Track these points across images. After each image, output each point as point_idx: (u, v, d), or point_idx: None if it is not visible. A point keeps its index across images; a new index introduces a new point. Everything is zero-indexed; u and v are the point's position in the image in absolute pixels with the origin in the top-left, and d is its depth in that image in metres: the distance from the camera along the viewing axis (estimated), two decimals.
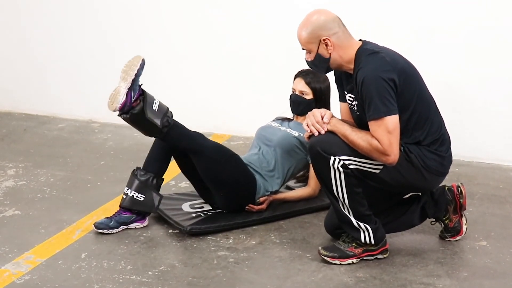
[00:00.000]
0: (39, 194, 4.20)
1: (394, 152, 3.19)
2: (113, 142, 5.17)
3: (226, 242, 3.60)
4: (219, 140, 5.14)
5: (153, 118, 3.49)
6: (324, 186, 3.36)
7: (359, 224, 3.35)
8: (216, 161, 3.69)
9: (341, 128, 3.29)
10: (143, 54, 5.36)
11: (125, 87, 3.34)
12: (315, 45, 3.32)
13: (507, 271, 3.33)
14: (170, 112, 3.63)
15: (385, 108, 3.18)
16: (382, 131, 3.18)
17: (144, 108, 3.46)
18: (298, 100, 4.05)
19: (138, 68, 3.35)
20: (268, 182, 3.92)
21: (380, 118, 3.18)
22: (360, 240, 3.37)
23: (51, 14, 5.63)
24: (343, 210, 3.34)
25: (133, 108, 3.45)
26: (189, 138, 3.68)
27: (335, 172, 3.27)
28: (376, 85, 3.18)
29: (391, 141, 3.18)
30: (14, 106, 5.87)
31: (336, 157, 3.25)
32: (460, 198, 3.61)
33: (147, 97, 3.51)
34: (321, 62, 3.35)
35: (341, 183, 3.28)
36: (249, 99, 5.22)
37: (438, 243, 3.58)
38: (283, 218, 3.86)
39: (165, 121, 3.55)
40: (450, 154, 3.42)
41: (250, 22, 5.14)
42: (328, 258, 3.38)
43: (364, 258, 3.41)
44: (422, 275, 3.28)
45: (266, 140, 4.05)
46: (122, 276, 3.26)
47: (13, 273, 3.28)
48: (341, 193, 3.30)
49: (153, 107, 3.51)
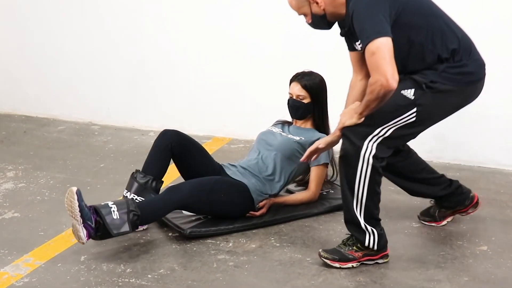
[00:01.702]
0: (39, 197, 4.19)
1: (382, 74, 3.04)
2: (113, 145, 5.17)
3: (226, 246, 3.59)
4: (219, 144, 5.14)
5: (120, 230, 3.41)
6: (345, 180, 3.31)
7: (367, 227, 3.34)
8: (202, 202, 3.67)
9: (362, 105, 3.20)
10: (142, 57, 5.43)
11: (79, 223, 3.33)
12: (307, 7, 3.36)
13: (508, 276, 3.32)
14: (131, 201, 3.50)
15: (371, 31, 3.08)
16: (370, 56, 3.08)
17: (106, 227, 3.38)
18: (296, 105, 4.05)
19: (77, 204, 3.32)
20: (267, 185, 3.91)
21: (367, 43, 3.08)
22: (364, 243, 3.36)
23: (51, 16, 5.63)
24: (355, 209, 3.32)
25: (98, 231, 3.40)
26: (164, 206, 3.58)
27: (363, 165, 3.25)
28: (362, 11, 3.14)
29: (377, 63, 3.05)
30: (14, 108, 5.87)
31: (371, 140, 3.22)
32: (470, 208, 3.75)
33: (103, 213, 3.40)
34: (320, 20, 3.39)
35: (365, 178, 3.26)
36: (249, 102, 5.21)
37: (438, 247, 3.57)
38: (283, 222, 3.85)
39: (132, 217, 3.43)
40: (476, 57, 3.36)
41: (251, 25, 5.13)
42: (328, 261, 3.37)
43: (364, 262, 3.40)
44: (422, 280, 3.27)
45: (266, 145, 4.04)
46: (122, 279, 3.25)
47: (12, 275, 3.27)
48: (361, 189, 3.28)
49: (114, 217, 3.40)
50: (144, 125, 5.50)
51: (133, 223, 3.44)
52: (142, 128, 5.49)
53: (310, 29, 4.91)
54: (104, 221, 3.38)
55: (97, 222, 3.38)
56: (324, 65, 4.52)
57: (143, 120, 5.52)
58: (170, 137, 3.84)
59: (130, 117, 5.56)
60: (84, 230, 3.34)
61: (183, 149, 3.85)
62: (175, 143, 3.83)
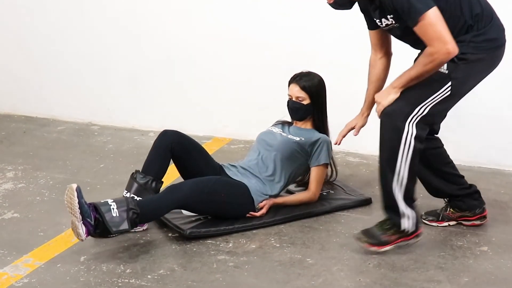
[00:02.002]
0: (38, 197, 4.19)
1: (447, 40, 3.18)
2: (113, 145, 5.16)
3: (226, 246, 3.59)
4: (219, 144, 5.14)
5: (120, 227, 3.40)
6: (386, 163, 3.41)
7: (404, 210, 3.42)
8: (202, 202, 3.66)
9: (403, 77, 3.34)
10: (142, 57, 5.42)
11: (78, 220, 3.33)
12: None
13: (508, 277, 3.32)
14: (131, 200, 3.50)
15: (420, 6, 3.18)
16: (427, 29, 3.19)
17: (106, 225, 3.38)
18: (296, 107, 4.05)
19: (77, 200, 3.32)
20: (267, 186, 3.91)
21: (420, 17, 3.18)
22: (400, 227, 3.45)
23: (50, 16, 5.62)
24: (395, 191, 3.40)
25: (97, 228, 3.40)
26: (163, 206, 3.58)
27: (405, 144, 3.33)
28: None
29: (438, 33, 3.18)
30: (14, 108, 5.86)
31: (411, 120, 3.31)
32: (477, 219, 3.78)
33: (103, 211, 3.40)
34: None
35: (407, 159, 3.34)
36: (249, 102, 5.21)
37: (439, 248, 3.57)
38: (283, 222, 3.85)
39: (132, 215, 3.43)
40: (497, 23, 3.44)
41: (251, 26, 5.13)
42: (365, 245, 3.47)
43: (399, 244, 3.48)
44: (422, 280, 3.27)
45: (266, 145, 4.04)
46: (121, 280, 3.25)
47: (12, 276, 3.27)
48: (403, 171, 3.37)
49: (113, 215, 3.40)
50: (144, 126, 5.50)
51: (133, 221, 3.43)
52: (142, 129, 5.49)
53: (310, 29, 4.96)
54: (104, 219, 3.37)
55: (97, 220, 3.38)
56: (323, 65, 4.51)
57: (143, 121, 5.52)
58: (170, 138, 3.84)
59: (130, 117, 5.56)
60: (83, 227, 3.33)
61: (183, 150, 3.85)
62: (175, 143, 3.83)
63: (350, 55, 4.81)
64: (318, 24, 4.92)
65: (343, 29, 4.83)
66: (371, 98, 3.77)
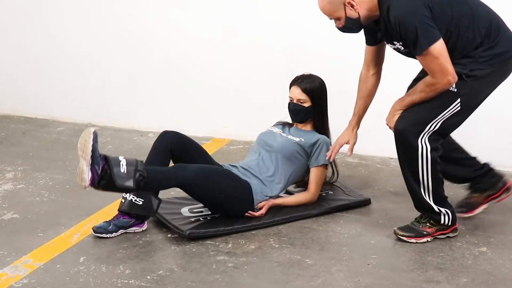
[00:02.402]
0: (38, 198, 4.19)
1: (449, 73, 3.32)
2: (112, 146, 5.16)
3: (225, 247, 3.59)
4: (219, 145, 5.14)
5: (124, 183, 3.41)
6: (409, 172, 3.51)
7: (440, 208, 3.54)
8: (205, 187, 3.68)
9: (406, 102, 3.47)
10: (142, 58, 5.43)
11: (87, 165, 3.33)
12: (341, 11, 3.43)
13: (507, 278, 3.32)
14: (140, 162, 3.53)
15: (427, 40, 3.29)
16: (430, 61, 3.31)
17: (112, 177, 3.39)
18: (297, 109, 4.05)
19: (92, 144, 3.33)
20: (267, 187, 3.92)
21: (425, 50, 3.30)
22: (439, 222, 3.57)
23: (50, 17, 5.62)
24: (424, 196, 3.52)
25: (102, 179, 3.40)
26: (169, 178, 3.61)
27: (423, 159, 3.44)
28: (412, 21, 3.29)
29: (441, 67, 3.31)
30: (13, 109, 5.87)
31: (423, 136, 3.41)
32: (503, 192, 3.84)
33: (112, 163, 3.42)
34: (353, 23, 3.46)
35: (427, 168, 3.45)
36: (249, 103, 5.21)
37: (438, 248, 3.57)
38: (282, 223, 3.85)
39: (138, 177, 3.45)
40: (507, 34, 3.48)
41: (250, 26, 5.13)
42: (405, 238, 3.57)
43: (437, 237, 3.60)
44: (421, 281, 3.27)
45: (267, 146, 4.04)
46: (121, 281, 3.25)
47: (11, 276, 3.27)
48: (426, 178, 3.47)
49: (121, 170, 3.42)
50: (144, 126, 5.50)
51: (138, 182, 3.45)
52: (141, 129, 5.49)
53: (310, 31, 4.97)
54: (111, 171, 3.39)
55: (104, 170, 3.39)
56: (324, 67, 4.52)
57: (142, 121, 5.52)
58: (170, 138, 3.85)
59: (130, 118, 5.56)
60: (90, 173, 3.34)
61: (183, 150, 3.86)
62: (175, 144, 3.83)
63: (350, 56, 4.80)
64: (318, 24, 4.91)
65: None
66: (361, 112, 3.87)
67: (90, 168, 3.34)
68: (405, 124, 3.46)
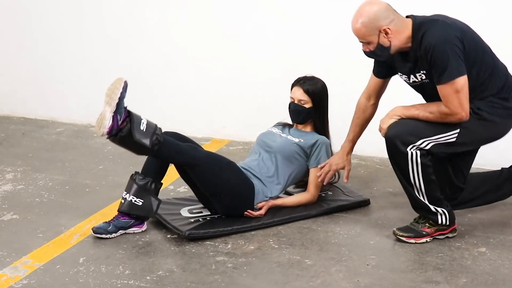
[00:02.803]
0: (38, 199, 4.19)
1: (464, 109, 3.40)
2: (112, 147, 5.15)
3: (225, 247, 3.59)
4: (218, 145, 5.14)
5: (141, 139, 3.47)
6: (402, 176, 3.56)
7: (436, 208, 3.58)
8: (211, 172, 3.69)
9: (410, 113, 3.50)
10: (141, 58, 5.43)
11: (110, 111, 3.35)
12: (375, 36, 3.45)
13: (506, 278, 3.32)
14: (159, 129, 3.59)
15: (456, 70, 3.37)
16: (452, 93, 3.37)
17: (131, 130, 3.44)
18: (297, 110, 4.06)
19: (121, 91, 3.35)
20: (267, 187, 3.92)
21: (451, 80, 3.36)
22: (437, 222, 3.59)
23: (50, 18, 5.62)
24: (419, 196, 3.56)
25: (120, 131, 3.43)
26: (181, 153, 3.65)
27: (413, 164, 3.48)
28: (446, 50, 3.36)
29: (460, 101, 3.38)
30: (13, 110, 5.86)
31: (413, 147, 3.44)
32: None
33: (134, 118, 3.48)
34: (383, 51, 3.49)
35: (418, 173, 3.49)
36: (249, 104, 5.21)
37: (437, 249, 3.58)
38: (281, 224, 3.85)
39: (155, 139, 3.51)
40: None
41: (250, 27, 5.14)
42: (404, 238, 3.60)
43: (436, 237, 3.62)
44: (420, 281, 3.28)
45: (266, 147, 4.05)
46: (120, 281, 3.25)
47: (11, 277, 3.27)
48: (418, 182, 3.52)
49: (141, 127, 3.48)
50: None
51: (154, 143, 3.50)
52: None
53: (310, 33, 4.96)
54: (132, 124, 3.44)
55: (125, 122, 3.44)
56: (326, 70, 4.52)
57: None
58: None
59: None
60: (111, 121, 3.37)
61: None
62: None
63: (350, 58, 4.81)
64: (318, 26, 4.93)
65: (343, 32, 4.83)
66: (356, 139, 3.95)
67: (113, 116, 3.35)
68: (397, 131, 3.48)
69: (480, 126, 3.51)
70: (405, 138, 3.46)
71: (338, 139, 4.11)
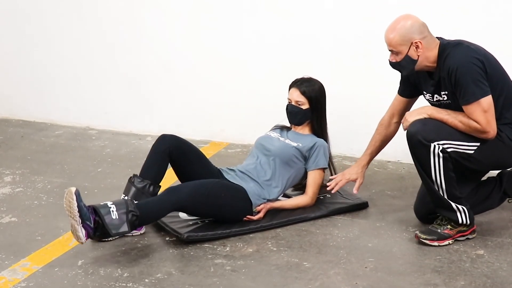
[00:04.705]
0: (36, 201, 4.19)
1: (492, 128, 3.48)
2: (110, 149, 5.17)
3: (223, 250, 3.59)
4: (217, 148, 5.15)
5: (119, 230, 3.42)
6: (423, 171, 3.57)
7: (457, 206, 3.60)
8: (200, 204, 3.68)
9: (439, 115, 3.53)
10: (140, 61, 5.43)
11: (78, 224, 3.34)
12: (406, 47, 3.53)
13: (504, 281, 3.33)
14: (130, 202, 3.51)
15: (480, 91, 3.44)
16: (479, 112, 3.45)
17: (105, 227, 3.40)
18: (294, 111, 4.06)
19: (76, 204, 3.33)
20: (265, 190, 3.93)
21: (477, 100, 3.44)
22: (457, 221, 3.61)
23: (49, 21, 5.63)
24: (440, 194, 3.58)
25: (96, 231, 3.42)
26: (163, 206, 3.58)
27: (435, 158, 3.51)
28: (469, 71, 3.43)
29: (488, 119, 3.46)
30: (11, 112, 5.87)
31: (436, 143, 3.47)
32: None
33: (102, 212, 3.41)
34: (409, 63, 3.56)
35: (439, 168, 3.52)
36: (247, 107, 5.22)
37: (435, 251, 3.58)
38: (280, 226, 3.85)
39: (131, 217, 3.44)
40: None
41: (248, 30, 5.14)
42: (428, 241, 3.61)
43: (457, 239, 3.64)
44: (419, 284, 3.28)
45: (265, 150, 4.05)
46: (119, 284, 3.26)
47: (9, 280, 3.27)
48: (439, 177, 3.53)
49: (113, 217, 3.41)
50: (142, 130, 5.51)
51: (132, 223, 3.44)
52: (139, 133, 5.50)
53: (309, 35, 4.97)
54: (103, 221, 3.39)
55: (96, 222, 3.39)
56: (323, 71, 4.53)
57: (140, 125, 5.52)
58: (168, 142, 3.85)
59: (128, 121, 5.56)
60: (83, 230, 3.35)
61: (181, 154, 3.86)
62: (173, 147, 3.83)
63: (350, 60, 4.82)
64: (317, 29, 4.93)
65: (343, 34, 4.85)
66: (374, 154, 4.01)
67: (82, 225, 3.35)
68: (420, 127, 3.52)
69: (499, 147, 3.56)
70: (427, 135, 3.49)
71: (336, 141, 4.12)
